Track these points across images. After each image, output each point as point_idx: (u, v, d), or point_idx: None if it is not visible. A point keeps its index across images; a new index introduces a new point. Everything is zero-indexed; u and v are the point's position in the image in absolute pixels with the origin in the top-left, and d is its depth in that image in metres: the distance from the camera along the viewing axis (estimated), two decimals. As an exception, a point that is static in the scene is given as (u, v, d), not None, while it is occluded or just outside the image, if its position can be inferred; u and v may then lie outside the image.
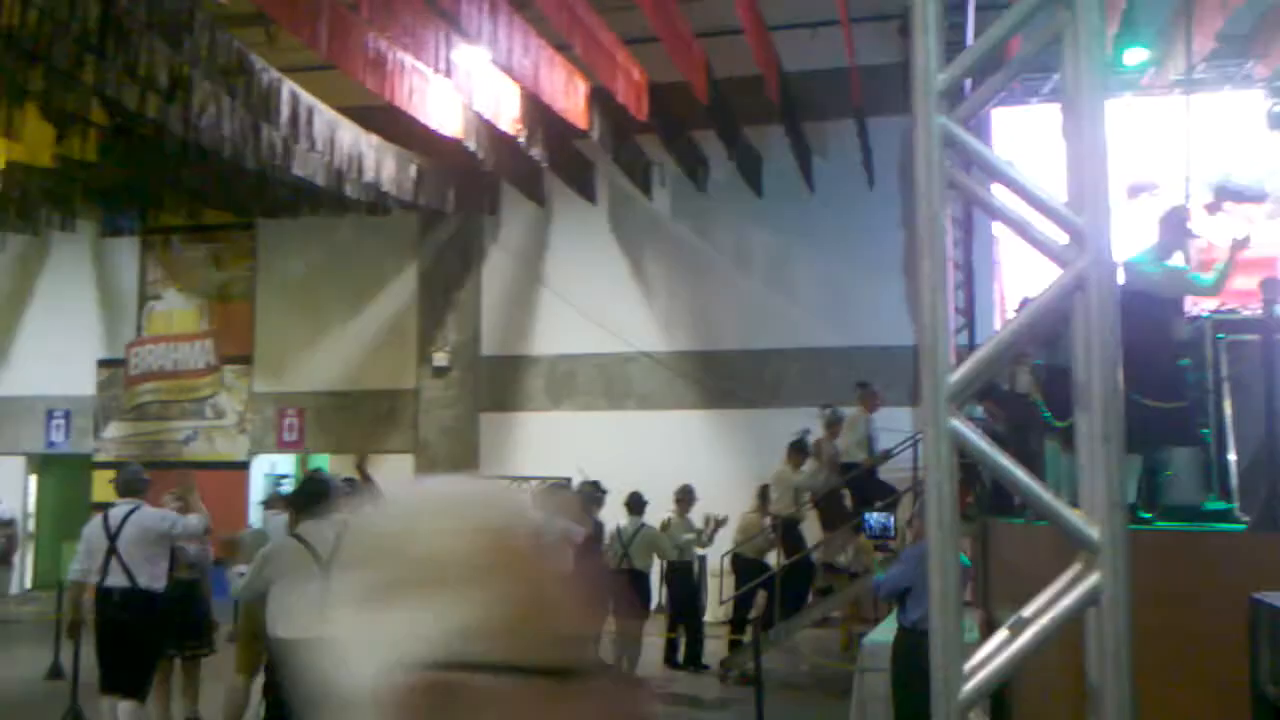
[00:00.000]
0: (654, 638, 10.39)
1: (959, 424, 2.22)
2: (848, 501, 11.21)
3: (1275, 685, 2.24)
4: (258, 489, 15.90)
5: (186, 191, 14.73)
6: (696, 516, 10.93)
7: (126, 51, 8.57)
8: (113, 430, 17.12)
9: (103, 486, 16.81)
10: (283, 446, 16.44)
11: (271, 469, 16.37)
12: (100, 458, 17.06)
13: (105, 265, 17.51)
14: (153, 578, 6.80)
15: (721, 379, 14.71)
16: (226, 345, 16.83)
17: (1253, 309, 6.62)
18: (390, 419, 15.91)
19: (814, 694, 9.53)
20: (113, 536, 6.80)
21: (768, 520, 10.88)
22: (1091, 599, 2.13)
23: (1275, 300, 5.90)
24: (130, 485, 7.15)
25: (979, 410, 8.28)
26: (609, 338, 14.86)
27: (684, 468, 11.79)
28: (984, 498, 8.27)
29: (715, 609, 12.98)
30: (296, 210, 14.95)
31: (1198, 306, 6.89)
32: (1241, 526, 5.21)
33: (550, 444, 14.78)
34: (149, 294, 17.32)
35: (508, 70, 10.46)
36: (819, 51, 12.32)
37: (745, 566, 10.87)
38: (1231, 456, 6.25)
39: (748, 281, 14.76)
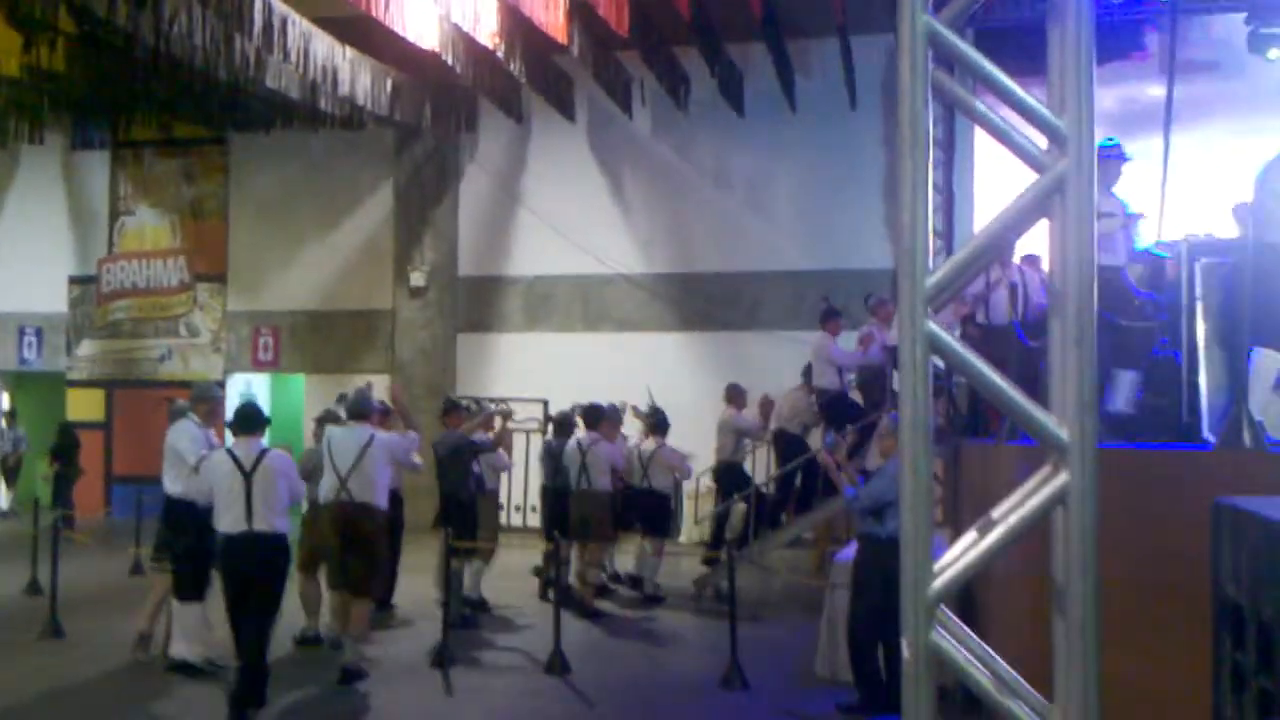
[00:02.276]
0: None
1: (935, 327, 2.22)
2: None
3: (1235, 583, 2.28)
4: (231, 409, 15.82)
5: (157, 104, 14.47)
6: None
7: (93, -45, 8.34)
8: (86, 348, 17.01)
9: (77, 404, 16.78)
10: (258, 366, 16.38)
11: (247, 389, 16.34)
12: (74, 375, 16.97)
13: (75, 180, 17.23)
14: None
15: (699, 301, 14.70)
16: (199, 263, 16.67)
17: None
18: (366, 339, 15.86)
19: (788, 610, 9.68)
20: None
21: (812, 397, 10.91)
22: (1059, 498, 2.16)
23: (1249, 224, 5.91)
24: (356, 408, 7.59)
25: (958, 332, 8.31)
26: (587, 259, 14.79)
27: (661, 390, 11.81)
28: (956, 420, 8.35)
29: (690, 530, 13.14)
30: (270, 124, 14.74)
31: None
32: (1208, 445, 5.28)
33: (527, 365, 14.80)
34: (120, 209, 17.08)
35: (486, -18, 10.27)
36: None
37: (789, 443, 10.97)
38: (1201, 377, 6.30)
39: (727, 203, 14.69)
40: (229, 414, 6.95)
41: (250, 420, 6.54)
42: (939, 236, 12.04)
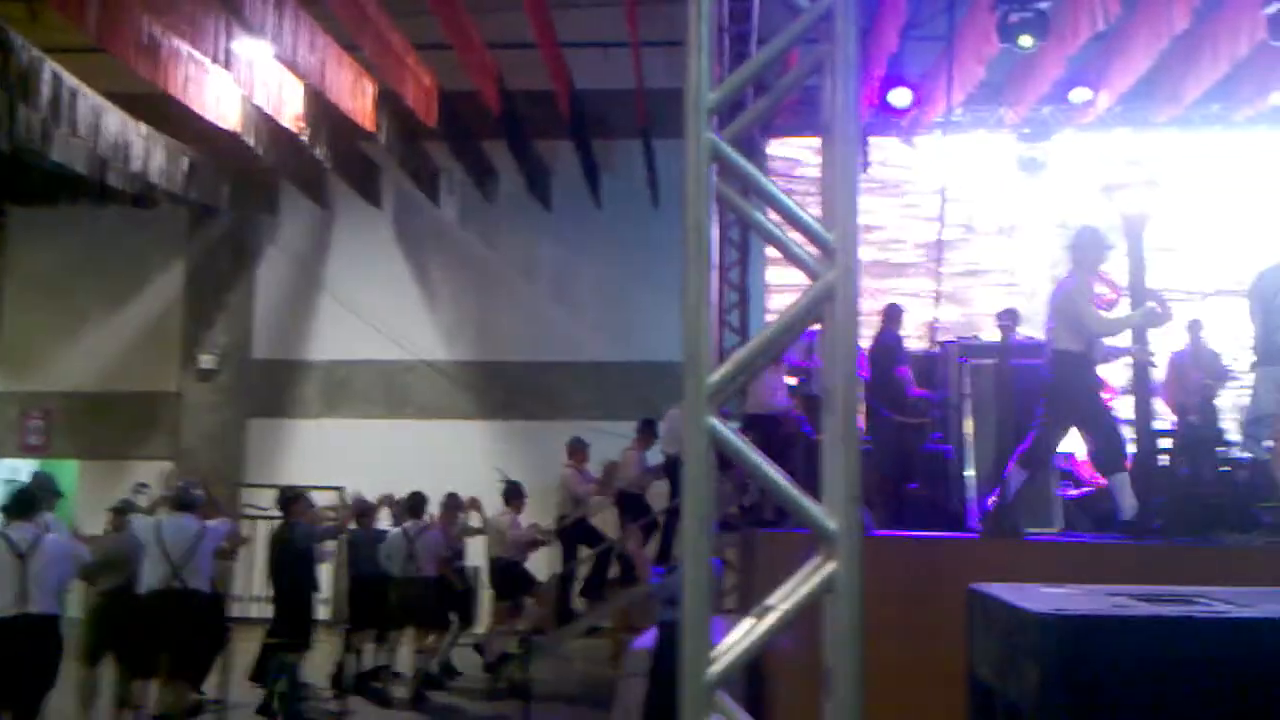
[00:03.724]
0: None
1: (716, 422, 2.35)
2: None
3: (987, 667, 2.47)
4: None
5: (-74, 171, 13.54)
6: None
7: None
8: None
9: None
10: (26, 450, 15.26)
11: (13, 475, 15.18)
12: None
13: None
14: None
15: (503, 390, 14.71)
16: (-34, 339, 15.53)
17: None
18: (148, 423, 15.05)
19: (582, 703, 9.64)
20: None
21: (646, 454, 11.03)
22: (828, 586, 2.30)
23: (1011, 328, 6.45)
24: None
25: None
26: (389, 345, 14.61)
27: (464, 478, 11.71)
28: (750, 510, 8.62)
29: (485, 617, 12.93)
30: (54, 198, 13.99)
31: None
32: (973, 533, 5.65)
33: (323, 453, 14.37)
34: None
35: (292, 66, 10.18)
36: (610, 71, 12.55)
37: (630, 503, 11.07)
38: (969, 470, 6.77)
39: (532, 293, 14.85)
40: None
41: (24, 504, 6.52)
42: (735, 332, 12.54)
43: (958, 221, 12.51)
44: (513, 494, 10.93)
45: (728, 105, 2.44)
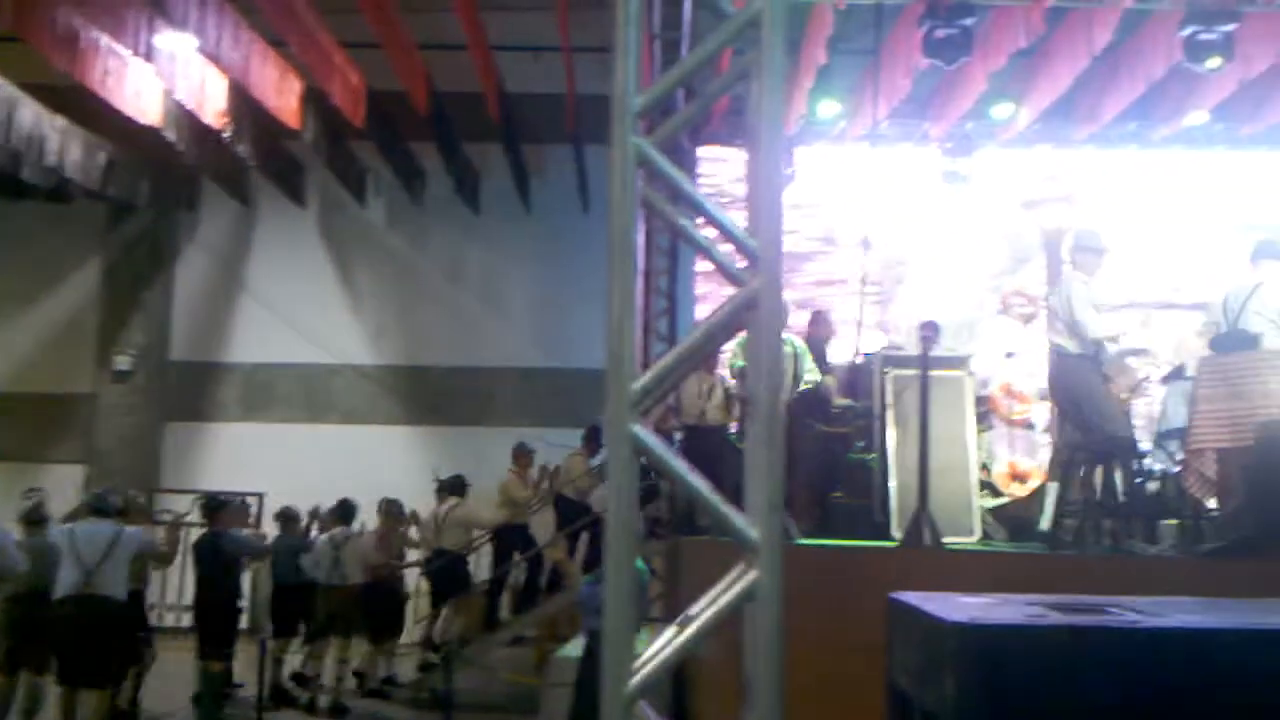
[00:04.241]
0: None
1: (639, 429, 2.33)
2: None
3: (905, 676, 2.48)
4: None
5: None
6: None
7: None
8: None
9: None
10: (-73, 452, 14.71)
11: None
12: None
13: None
14: None
15: (430, 395, 14.55)
16: None
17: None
18: (60, 425, 14.58)
19: (506, 713, 9.55)
20: None
21: (595, 460, 10.98)
22: (749, 595, 2.29)
23: (933, 339, 6.54)
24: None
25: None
26: (312, 347, 14.37)
27: (389, 484, 11.56)
28: (677, 518, 8.62)
29: (411, 629, 12.76)
30: (-39, 192, 13.53)
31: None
32: (894, 542, 5.71)
33: (244, 458, 14.06)
34: None
35: (215, 61, 9.97)
36: (541, 76, 12.51)
37: (568, 508, 11.06)
38: (891, 481, 6.84)
39: (461, 298, 14.71)
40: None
41: None
42: (663, 340, 12.56)
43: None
44: (455, 487, 10.95)
45: (655, 109, 2.42)
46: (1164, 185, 12.25)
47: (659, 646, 2.31)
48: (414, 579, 11.74)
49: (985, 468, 8.77)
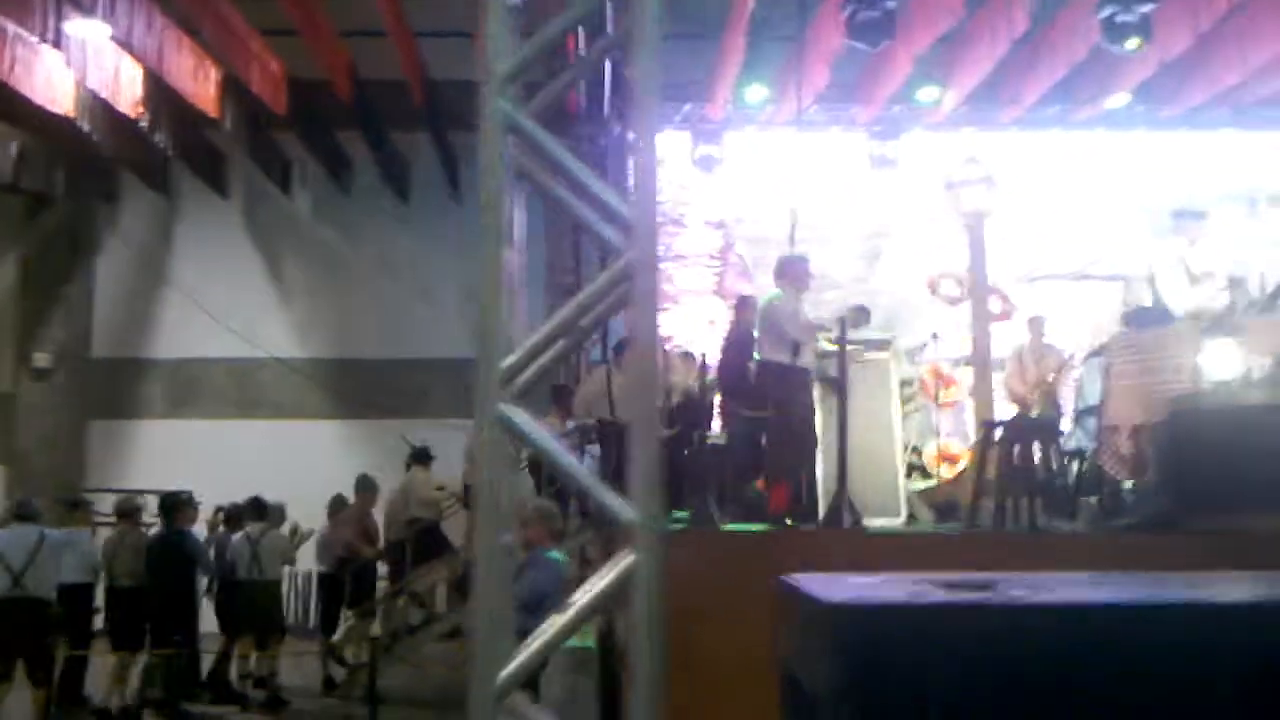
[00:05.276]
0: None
1: (510, 410, 2.24)
2: None
3: (792, 657, 2.42)
4: None
5: None
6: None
7: None
8: None
9: None
10: None
11: None
12: None
13: None
14: None
15: (362, 388, 14.30)
16: None
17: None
18: (-22, 426, 14.19)
19: (435, 708, 9.43)
20: None
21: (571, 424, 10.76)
22: (629, 578, 2.21)
23: (853, 323, 6.52)
24: None
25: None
26: (239, 341, 14.07)
27: (321, 479, 11.38)
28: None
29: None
30: None
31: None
32: (815, 525, 5.69)
33: (171, 455, 13.71)
34: None
35: (129, 48, 9.70)
36: (467, 62, 12.29)
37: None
38: (819, 465, 6.83)
39: (390, 288, 14.46)
40: None
41: None
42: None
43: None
44: (422, 456, 11.12)
45: (521, 71, 2.32)
46: (1086, 167, 12.36)
47: (533, 636, 2.23)
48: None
49: (916, 450, 8.83)
